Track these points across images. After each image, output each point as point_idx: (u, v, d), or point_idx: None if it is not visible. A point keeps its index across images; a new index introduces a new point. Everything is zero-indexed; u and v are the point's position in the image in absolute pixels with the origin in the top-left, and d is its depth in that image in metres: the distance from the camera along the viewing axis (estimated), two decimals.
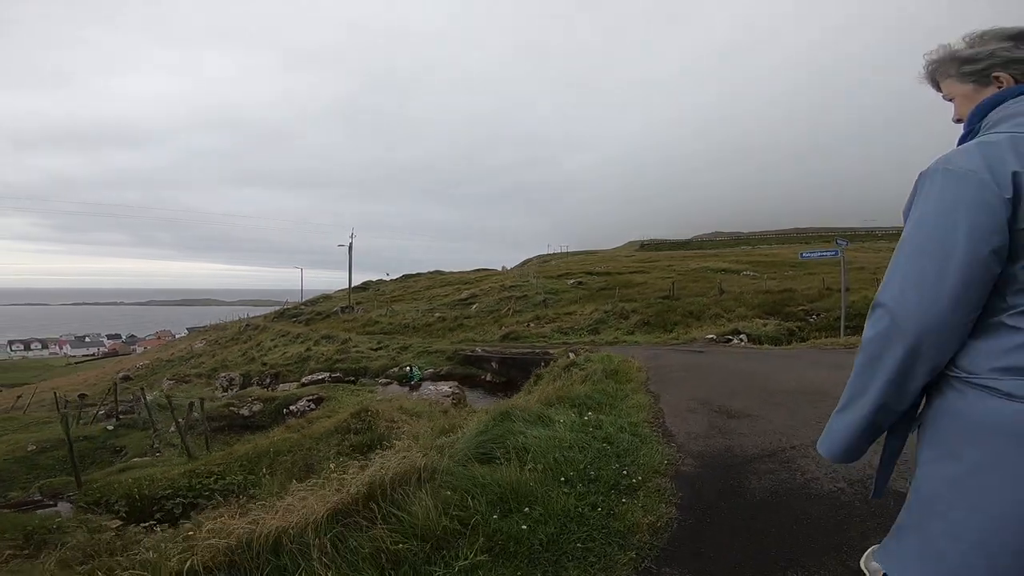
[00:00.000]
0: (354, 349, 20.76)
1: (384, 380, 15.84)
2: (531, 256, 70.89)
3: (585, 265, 39.74)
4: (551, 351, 14.18)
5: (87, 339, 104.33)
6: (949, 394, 1.00)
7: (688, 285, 24.68)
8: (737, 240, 58.42)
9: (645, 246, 61.73)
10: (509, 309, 24.28)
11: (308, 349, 23.29)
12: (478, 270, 48.04)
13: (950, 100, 1.17)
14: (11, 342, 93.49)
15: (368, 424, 7.62)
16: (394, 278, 47.56)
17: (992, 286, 0.94)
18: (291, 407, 12.32)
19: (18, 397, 26.82)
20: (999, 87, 1.07)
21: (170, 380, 26.88)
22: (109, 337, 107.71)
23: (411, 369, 15.53)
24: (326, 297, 44.32)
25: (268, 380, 21.52)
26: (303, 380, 17.86)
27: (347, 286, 44.73)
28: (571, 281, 30.25)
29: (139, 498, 6.95)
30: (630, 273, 32.18)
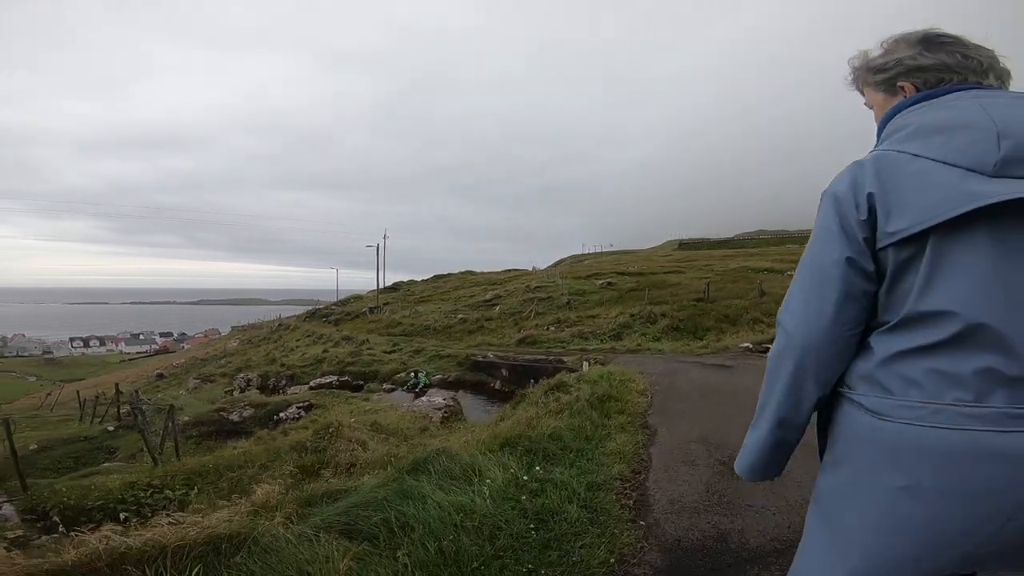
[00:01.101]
0: (368, 352, 20.09)
1: (389, 386, 15.01)
2: (565, 256, 69.39)
3: (618, 265, 38.08)
4: (565, 358, 12.95)
5: (141, 336, 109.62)
6: (836, 407, 1.03)
7: (726, 286, 22.84)
8: (782, 238, 55.07)
9: (684, 245, 59.10)
10: (531, 311, 23.10)
11: (325, 351, 22.84)
12: (508, 270, 47.05)
13: (871, 108, 1.14)
14: (72, 339, 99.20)
15: (324, 444, 6.63)
16: (425, 278, 47.16)
17: (870, 305, 0.98)
18: (281, 414, 11.60)
19: (48, 395, 27.53)
20: (904, 96, 1.05)
21: (196, 379, 27.10)
22: (161, 335, 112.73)
23: (416, 375, 14.60)
24: (357, 297, 44.34)
25: (284, 382, 21.14)
26: (311, 383, 17.26)
27: (382, 286, 44.67)
28: (600, 282, 28.77)
29: (68, 507, 6.40)
30: (664, 273, 30.40)
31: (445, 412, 9.52)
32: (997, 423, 0.84)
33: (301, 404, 11.93)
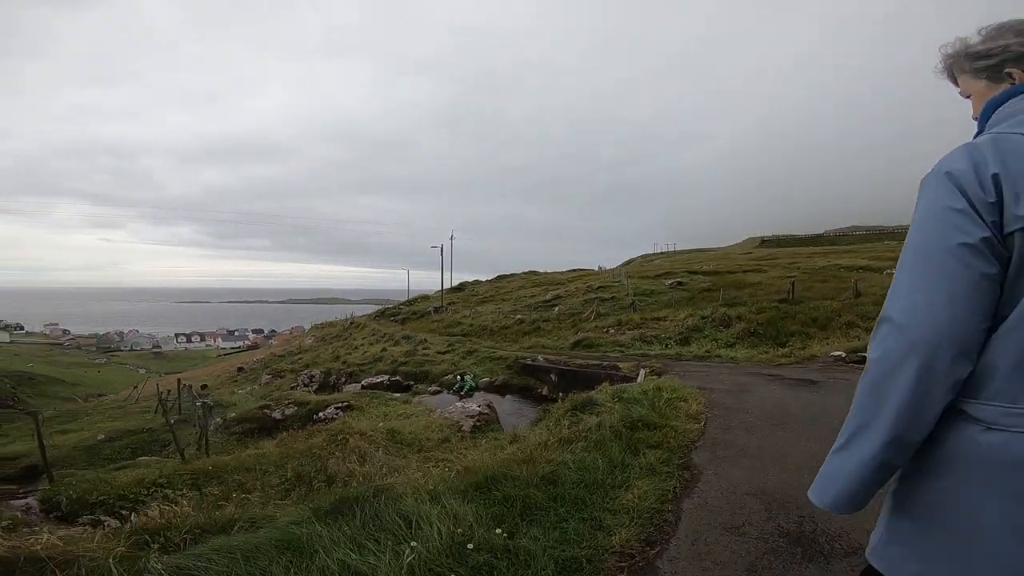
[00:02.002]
0: (422, 352, 19.71)
1: (435, 388, 14.42)
2: (635, 256, 66.66)
3: (691, 264, 35.62)
4: (621, 364, 11.65)
5: (235, 333, 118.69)
6: (951, 423, 0.91)
7: (814, 286, 20.34)
8: (879, 234, 49.28)
9: (766, 242, 54.58)
10: (592, 312, 21.77)
11: (384, 349, 22.82)
12: (573, 270, 45.67)
13: (967, 97, 1.09)
14: (177, 335, 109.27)
15: (328, 453, 5.95)
16: (489, 279, 46.88)
17: (997, 296, 0.87)
18: (320, 414, 11.30)
19: (134, 388, 29.68)
20: (1012, 83, 0.99)
21: (268, 375, 28.26)
22: (253, 332, 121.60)
23: (462, 378, 13.88)
24: (424, 297, 44.84)
25: (343, 379, 21.31)
26: (363, 382, 17.08)
27: (447, 286, 44.95)
28: (669, 282, 26.81)
29: (74, 501, 6.40)
30: (742, 272, 27.87)
31: (478, 420, 8.63)
32: None
33: (340, 405, 11.58)
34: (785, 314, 15.47)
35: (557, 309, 25.02)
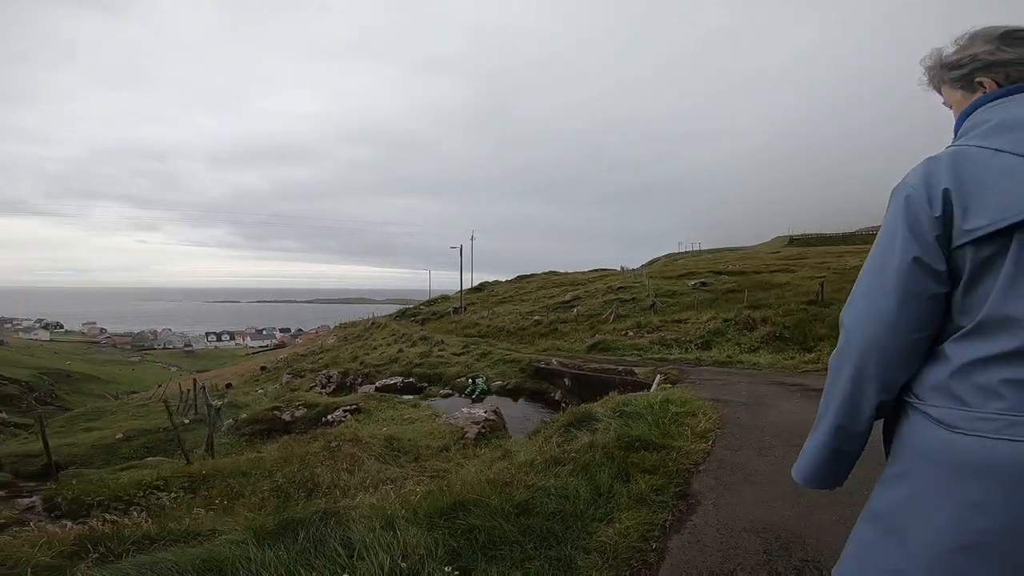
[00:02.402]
0: (437, 353, 19.53)
1: (446, 391, 14.18)
2: (659, 255, 65.49)
3: (716, 264, 34.70)
4: (637, 369, 11.23)
5: (264, 332, 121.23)
6: (902, 417, 0.98)
7: (845, 287, 19.36)
8: None
9: (795, 241, 52.87)
10: (611, 314, 21.28)
11: (401, 350, 22.73)
12: (594, 270, 45.04)
13: (950, 107, 1.09)
14: (208, 334, 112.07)
15: (318, 461, 5.72)
16: (509, 279, 46.60)
17: (939, 308, 0.92)
18: (328, 416, 11.17)
19: (159, 386, 30.27)
20: (984, 92, 0.99)
21: (288, 374, 28.52)
22: (280, 331, 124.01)
23: (473, 381, 13.61)
24: (444, 298, 44.85)
25: (360, 380, 21.27)
26: (377, 384, 16.97)
27: (468, 286, 44.86)
28: (693, 282, 26.09)
29: (71, 501, 6.50)
30: (769, 272, 26.96)
31: (483, 427, 8.34)
32: None
33: (348, 407, 11.43)
34: (813, 316, 14.76)
35: (576, 310, 24.58)
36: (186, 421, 14.32)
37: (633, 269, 40.86)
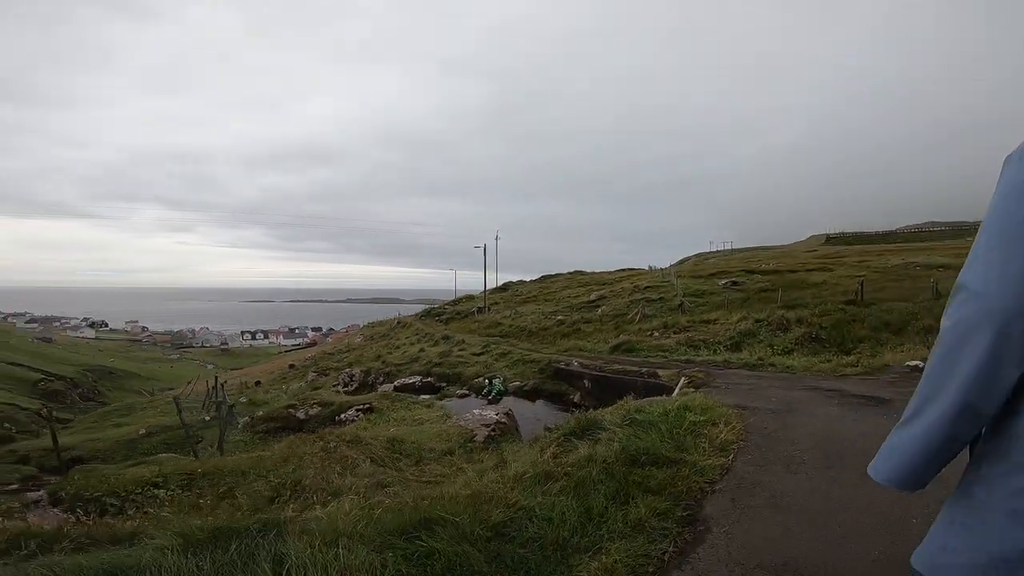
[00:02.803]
0: (457, 353, 19.27)
1: (463, 391, 13.87)
2: (689, 255, 63.92)
3: (749, 263, 33.46)
4: (661, 372, 10.65)
5: (296, 331, 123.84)
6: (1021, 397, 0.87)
7: (886, 286, 18.36)
8: (958, 230, 44.46)
9: (832, 240, 50.64)
10: (636, 314, 20.62)
11: (422, 350, 22.59)
12: (622, 270, 44.16)
13: None
14: (243, 332, 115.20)
15: (322, 460, 5.45)
16: (533, 278, 46.15)
17: None
18: (342, 415, 11.02)
19: (188, 383, 30.90)
20: None
21: (314, 373, 28.78)
22: (312, 329, 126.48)
23: (490, 382, 13.25)
24: (469, 297, 44.72)
25: (381, 379, 21.21)
26: (396, 383, 16.81)
27: (492, 286, 44.66)
28: (723, 281, 25.16)
29: (71, 496, 6.40)
30: (805, 271, 25.81)
31: (494, 430, 7.94)
32: None
33: (361, 407, 11.24)
34: (852, 317, 13.87)
35: (600, 310, 23.97)
36: (207, 418, 14.42)
37: (661, 269, 39.86)
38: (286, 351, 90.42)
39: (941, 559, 0.91)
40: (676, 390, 8.13)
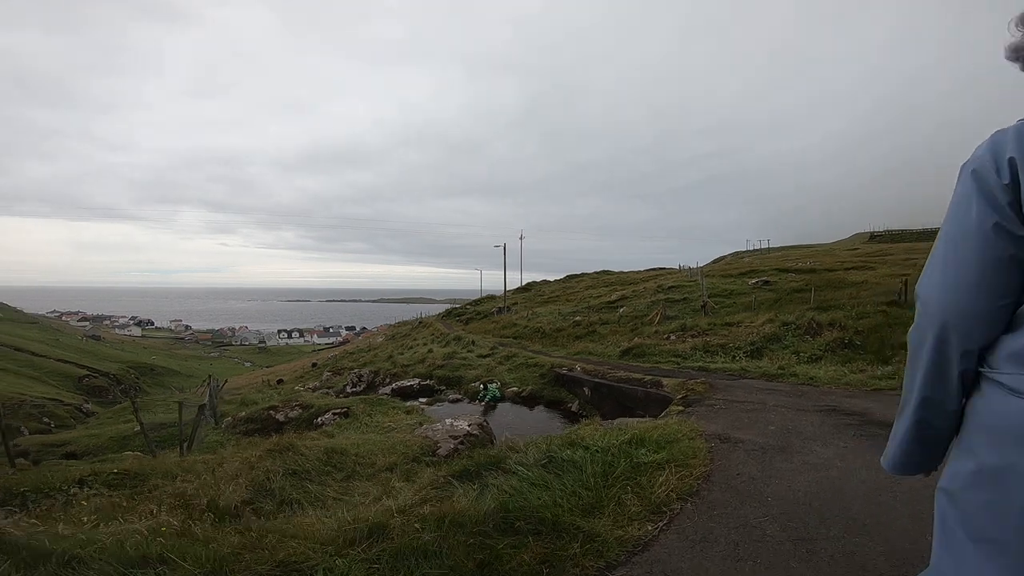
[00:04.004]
0: (461, 355, 18.46)
1: (455, 396, 13.03)
2: (725, 253, 61.30)
3: (784, 261, 31.41)
4: (665, 381, 9.48)
5: (331, 330, 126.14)
6: (975, 389, 0.97)
7: None
8: None
9: (876, 237, 47.39)
10: (657, 315, 19.30)
11: (430, 351, 21.87)
12: (651, 269, 42.50)
13: None
14: (280, 331, 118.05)
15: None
16: (558, 278, 44.99)
17: (1021, 273, 0.91)
18: (320, 418, 10.39)
19: (204, 382, 31.06)
20: None
21: (329, 372, 28.54)
22: (346, 328, 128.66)
23: (485, 387, 12.33)
24: (491, 297, 43.96)
25: (388, 380, 20.65)
26: (393, 385, 16.12)
27: (517, 285, 43.81)
28: (754, 281, 23.49)
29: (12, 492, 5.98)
30: (843, 270, 23.85)
31: (462, 443, 7.00)
32: None
33: (338, 411, 10.57)
34: (894, 320, 12.28)
35: (621, 311, 22.71)
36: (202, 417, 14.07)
37: (691, 268, 38.05)
38: (319, 349, 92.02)
39: None
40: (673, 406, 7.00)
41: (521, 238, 44.78)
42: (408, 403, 12.26)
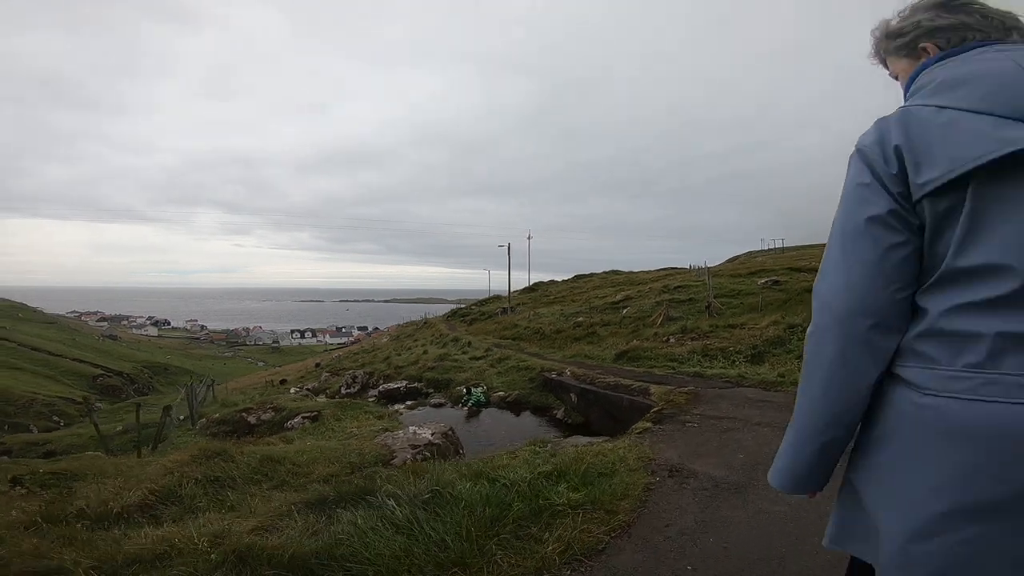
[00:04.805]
0: (453, 357, 17.91)
1: (437, 400, 12.48)
2: (739, 253, 59.93)
3: (798, 260, 30.29)
4: (654, 389, 8.75)
5: (343, 330, 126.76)
6: (889, 397, 0.92)
7: None
8: None
9: None
10: (660, 315, 18.51)
11: (425, 352, 21.37)
12: (662, 269, 41.54)
13: (896, 79, 1.10)
14: (293, 331, 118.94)
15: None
16: (566, 278, 44.24)
17: (917, 261, 0.89)
18: (289, 422, 9.93)
19: (188, 384, 30.93)
20: (928, 57, 1.01)
21: (327, 373, 28.21)
22: (358, 328, 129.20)
23: (469, 391, 11.74)
24: (497, 297, 43.41)
25: (381, 381, 20.21)
26: (380, 387, 15.61)
27: (524, 285, 43.20)
28: (763, 280, 22.54)
29: None
30: None
31: (422, 453, 6.39)
32: None
33: (307, 414, 10.10)
34: None
35: (625, 311, 21.93)
36: (181, 418, 13.89)
37: (700, 267, 37.05)
38: (331, 349, 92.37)
39: None
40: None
41: (528, 238, 44.20)
42: (389, 407, 11.74)
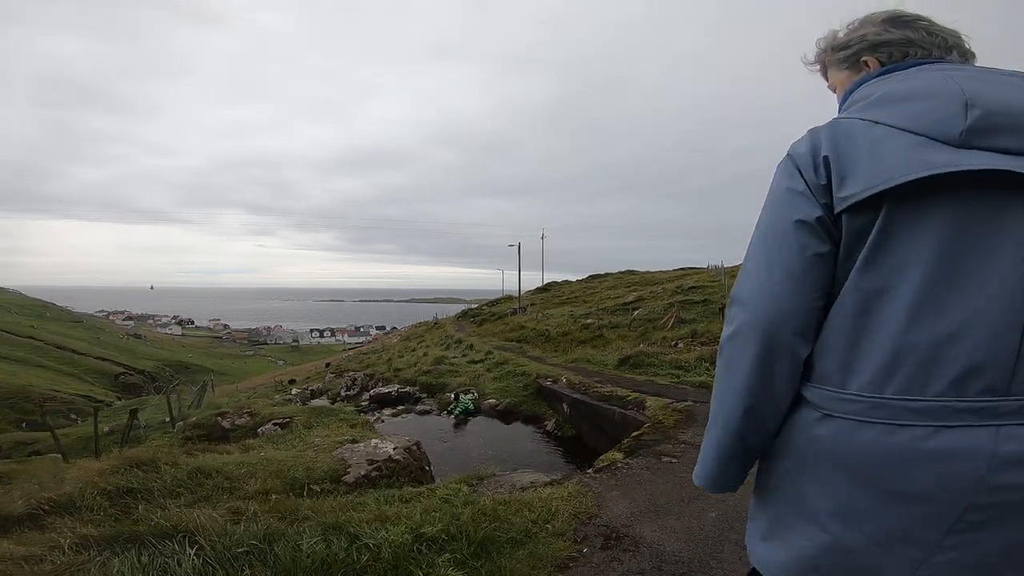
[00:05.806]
0: (452, 359, 17.18)
1: (423, 407, 11.77)
2: None
3: None
4: (649, 402, 7.84)
5: (361, 329, 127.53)
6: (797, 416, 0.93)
7: None
8: None
9: None
10: (671, 317, 17.48)
11: (425, 354, 20.72)
12: (678, 269, 40.23)
13: (834, 91, 1.09)
14: (312, 330, 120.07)
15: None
16: (580, 278, 43.22)
17: (832, 272, 0.86)
18: (261, 428, 9.37)
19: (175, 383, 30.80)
20: (869, 71, 1.01)
21: (331, 374, 27.80)
22: (376, 328, 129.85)
23: (457, 398, 10.97)
24: (509, 298, 42.65)
25: (379, 384, 19.68)
26: (372, 392, 14.97)
27: (538, 285, 42.38)
28: None
29: None
30: None
31: (379, 469, 5.68)
32: (940, 418, 0.74)
33: (279, 421, 9.49)
34: None
35: (636, 313, 20.92)
36: (166, 420, 13.48)
37: (718, 267, 35.71)
38: (349, 348, 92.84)
39: None
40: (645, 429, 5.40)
41: (542, 237, 43.34)
42: (374, 414, 11.07)
